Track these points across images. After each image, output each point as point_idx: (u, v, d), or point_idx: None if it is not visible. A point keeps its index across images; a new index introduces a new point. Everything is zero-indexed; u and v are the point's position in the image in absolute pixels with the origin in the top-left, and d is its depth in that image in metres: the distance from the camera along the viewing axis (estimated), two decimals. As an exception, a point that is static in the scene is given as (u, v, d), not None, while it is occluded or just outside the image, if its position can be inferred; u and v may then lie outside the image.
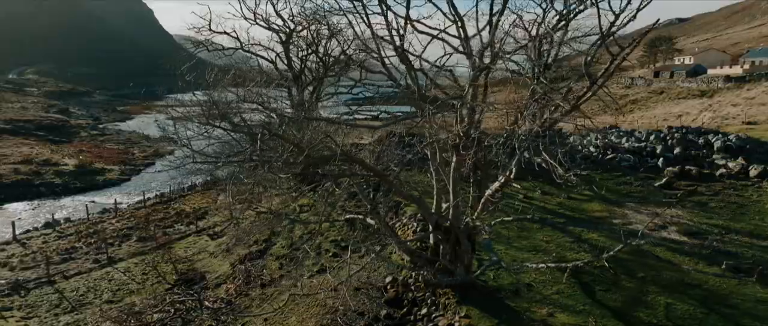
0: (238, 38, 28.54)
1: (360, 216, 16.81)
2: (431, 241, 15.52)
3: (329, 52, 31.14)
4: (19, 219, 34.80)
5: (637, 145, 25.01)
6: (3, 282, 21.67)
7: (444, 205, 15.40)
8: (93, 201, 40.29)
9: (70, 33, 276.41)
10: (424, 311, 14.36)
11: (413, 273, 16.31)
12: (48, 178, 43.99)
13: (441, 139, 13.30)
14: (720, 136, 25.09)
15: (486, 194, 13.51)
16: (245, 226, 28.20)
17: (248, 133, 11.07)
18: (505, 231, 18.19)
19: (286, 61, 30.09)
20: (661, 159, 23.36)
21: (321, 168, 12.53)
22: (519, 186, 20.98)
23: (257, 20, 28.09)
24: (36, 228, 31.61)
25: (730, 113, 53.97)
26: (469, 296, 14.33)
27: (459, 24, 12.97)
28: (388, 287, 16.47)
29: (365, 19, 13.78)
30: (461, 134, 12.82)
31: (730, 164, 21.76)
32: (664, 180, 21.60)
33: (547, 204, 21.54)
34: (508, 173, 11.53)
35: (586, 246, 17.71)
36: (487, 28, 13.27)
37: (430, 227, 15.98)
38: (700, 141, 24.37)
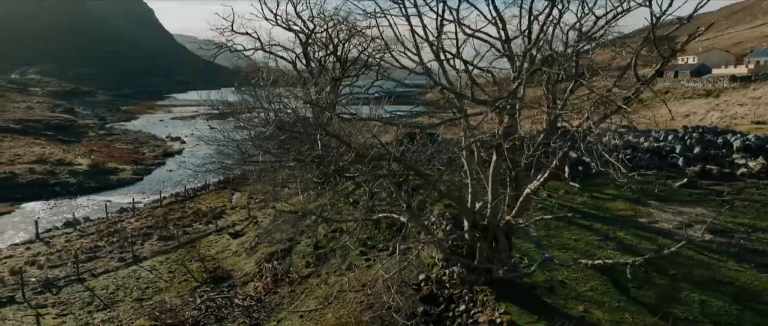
0: (259, 39, 28.90)
1: (394, 216, 17.06)
2: (466, 239, 15.77)
3: (346, 52, 31.47)
4: (39, 218, 35.07)
5: (655, 144, 25.31)
6: (33, 280, 21.96)
7: (478, 204, 15.71)
8: (109, 201, 40.53)
9: (70, 33, 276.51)
10: (462, 307, 14.64)
11: (447, 271, 16.59)
12: (63, 178, 44.27)
13: (482, 138, 13.59)
14: (738, 135, 25.42)
15: (525, 192, 13.80)
16: (268, 226, 28.55)
17: (306, 133, 11.31)
18: (533, 230, 18.48)
19: (305, 62, 30.41)
20: (681, 158, 23.67)
21: (367, 167, 12.79)
22: (577, 186, 21.28)
23: (278, 21, 28.45)
24: (57, 227, 31.93)
25: (738, 113, 54.37)
26: (506, 293, 14.59)
27: (500, 25, 13.25)
28: (422, 284, 16.75)
29: (406, 18, 14.02)
30: (506, 134, 13.14)
31: (751, 163, 22.07)
32: (686, 179, 21.90)
33: (571, 203, 21.83)
34: (562, 173, 11.84)
35: (613, 244, 18.00)
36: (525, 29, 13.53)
37: (466, 225, 16.32)
38: (718, 140, 24.69)
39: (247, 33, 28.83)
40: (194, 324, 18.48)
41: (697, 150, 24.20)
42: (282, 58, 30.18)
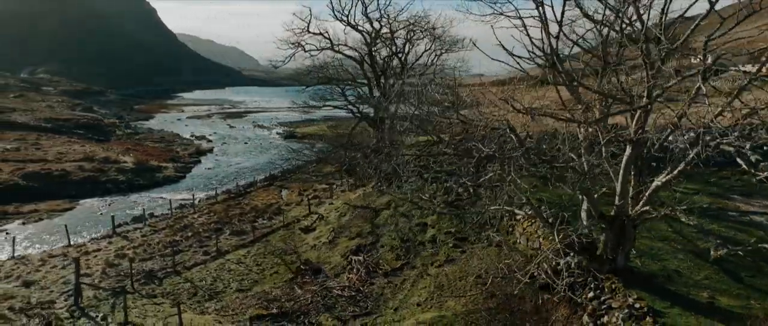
0: (329, 39, 29.64)
1: (510, 208, 17.77)
2: (586, 230, 16.49)
3: (407, 52, 32.21)
4: (101, 214, 35.82)
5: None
6: (134, 272, 22.62)
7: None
8: (162, 197, 41.29)
9: (74, 31, 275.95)
10: (590, 295, 15.39)
11: (561, 261, 17.29)
12: (112, 175, 44.93)
13: (619, 133, 14.35)
14: (804, 133, 26.22)
15: (653, 185, 14.55)
16: (341, 220, 29.28)
17: (494, 131, 12.04)
18: (687, 219, 19.05)
19: (370, 62, 31.16)
20: (752, 154, 24.47)
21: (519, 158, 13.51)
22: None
23: (349, 21, 29.21)
24: (126, 223, 32.63)
25: None
26: (629, 281, 15.39)
27: (640, 27, 14.00)
28: (534, 274, 17.45)
29: (541, 19, 14.75)
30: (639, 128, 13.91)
31: (825, 160, 22.87)
32: (765, 174, 22.65)
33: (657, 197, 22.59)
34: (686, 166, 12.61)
35: (711, 236, 18.74)
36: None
37: (584, 218, 17.09)
38: (786, 138, 25.53)
39: (320, 33, 29.65)
40: (305, 312, 19.21)
41: (766, 147, 25.00)
42: (350, 57, 30.94)
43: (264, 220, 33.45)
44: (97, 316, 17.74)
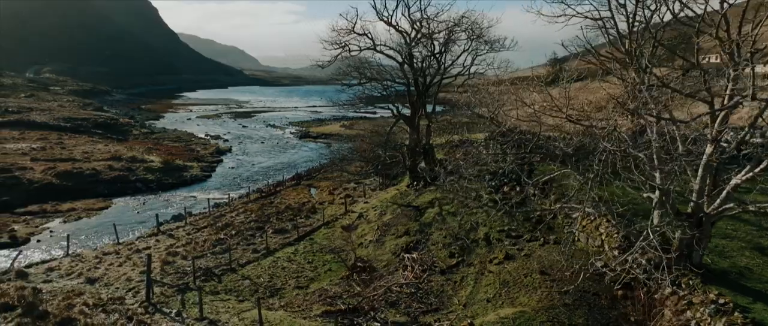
0: (372, 39, 29.89)
1: (578, 207, 18.00)
2: (655, 227, 16.69)
3: (444, 53, 32.45)
4: (138, 212, 36.04)
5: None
6: (189, 269, 22.86)
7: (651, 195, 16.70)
8: (193, 196, 41.52)
9: (76, 31, 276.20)
10: (667, 291, 15.65)
11: (629, 258, 17.53)
12: (140, 174, 45.14)
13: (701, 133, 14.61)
14: None
15: (732, 182, 14.79)
16: (385, 219, 29.51)
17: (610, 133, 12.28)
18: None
19: (409, 62, 31.40)
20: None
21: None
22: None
23: (391, 21, 29.44)
24: (167, 221, 32.86)
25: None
26: (706, 278, 15.65)
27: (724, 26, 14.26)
28: (604, 270, 17.68)
29: (628, 16, 15.03)
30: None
31: None
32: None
33: (706, 196, 22.84)
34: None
35: (771, 234, 19.00)
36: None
37: (656, 216, 17.33)
38: (830, 137, 25.86)
39: (365, 34, 29.89)
40: (372, 309, 19.45)
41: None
42: (391, 57, 31.20)
43: (302, 219, 33.68)
44: (170, 312, 17.97)
